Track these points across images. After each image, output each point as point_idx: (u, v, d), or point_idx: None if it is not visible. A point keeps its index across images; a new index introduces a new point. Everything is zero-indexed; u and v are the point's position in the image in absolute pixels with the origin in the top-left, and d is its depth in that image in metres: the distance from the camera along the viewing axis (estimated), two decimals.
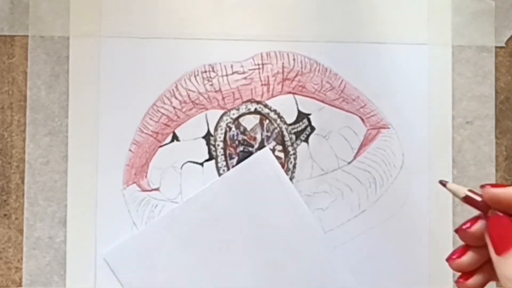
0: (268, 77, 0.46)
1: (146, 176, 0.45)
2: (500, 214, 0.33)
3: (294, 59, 0.46)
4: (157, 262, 0.44)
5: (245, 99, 0.46)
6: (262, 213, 0.45)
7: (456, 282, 0.36)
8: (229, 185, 0.45)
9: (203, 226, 0.45)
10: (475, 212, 0.40)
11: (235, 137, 0.46)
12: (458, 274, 0.36)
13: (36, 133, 0.45)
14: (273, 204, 0.45)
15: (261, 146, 0.46)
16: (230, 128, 0.46)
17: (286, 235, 0.45)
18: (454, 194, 0.35)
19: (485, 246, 0.34)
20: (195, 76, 0.46)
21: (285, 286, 0.45)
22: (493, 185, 0.34)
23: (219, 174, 0.45)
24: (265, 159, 0.45)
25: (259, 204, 0.45)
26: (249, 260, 0.45)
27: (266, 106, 0.46)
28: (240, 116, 0.46)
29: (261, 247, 0.45)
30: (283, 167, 0.45)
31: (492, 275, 0.35)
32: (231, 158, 0.45)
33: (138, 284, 0.44)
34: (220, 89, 0.46)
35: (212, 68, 0.46)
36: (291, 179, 0.45)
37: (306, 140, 0.46)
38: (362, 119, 0.46)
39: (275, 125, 0.46)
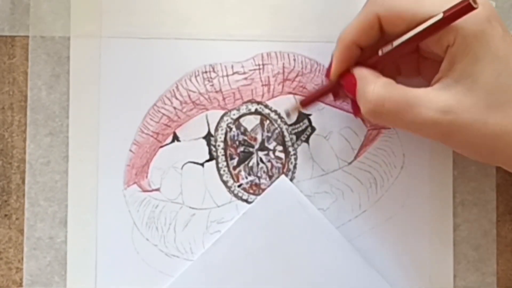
0: (268, 77, 0.46)
1: (146, 177, 0.45)
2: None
3: (294, 60, 0.46)
4: None
5: (245, 100, 0.46)
6: (291, 244, 0.44)
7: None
8: (252, 221, 0.44)
9: (233, 268, 0.44)
10: (476, 215, 0.40)
11: (236, 138, 0.46)
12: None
13: (36, 133, 0.45)
14: (301, 232, 0.44)
15: (262, 147, 0.46)
16: (231, 129, 0.46)
17: (319, 260, 0.44)
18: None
19: None
20: (195, 77, 0.46)
21: None
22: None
23: (220, 175, 0.45)
24: (283, 188, 0.45)
25: (286, 235, 0.44)
26: None
27: (266, 106, 0.46)
28: (240, 116, 0.46)
29: (297, 277, 0.44)
30: (283, 167, 0.46)
31: None
32: (232, 158, 0.45)
33: None
34: (220, 90, 0.46)
35: (213, 68, 0.46)
36: (291, 179, 0.45)
37: (307, 141, 0.46)
38: (363, 120, 0.46)
39: (276, 125, 0.46)
